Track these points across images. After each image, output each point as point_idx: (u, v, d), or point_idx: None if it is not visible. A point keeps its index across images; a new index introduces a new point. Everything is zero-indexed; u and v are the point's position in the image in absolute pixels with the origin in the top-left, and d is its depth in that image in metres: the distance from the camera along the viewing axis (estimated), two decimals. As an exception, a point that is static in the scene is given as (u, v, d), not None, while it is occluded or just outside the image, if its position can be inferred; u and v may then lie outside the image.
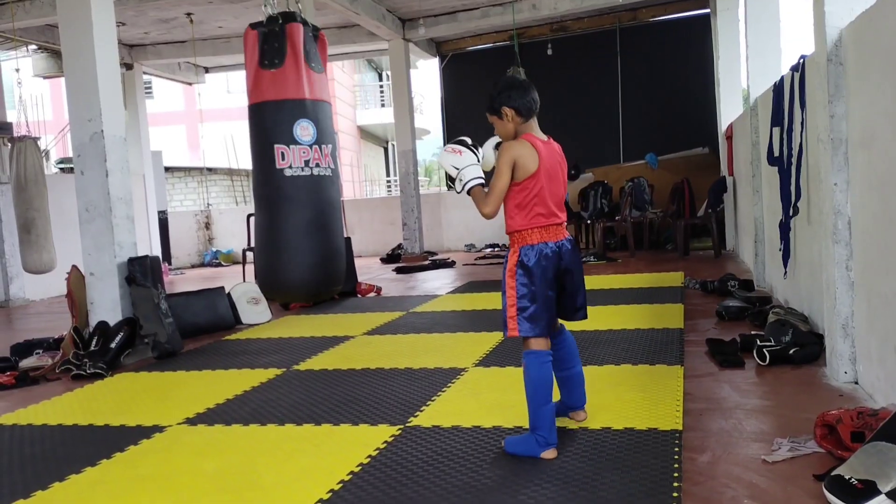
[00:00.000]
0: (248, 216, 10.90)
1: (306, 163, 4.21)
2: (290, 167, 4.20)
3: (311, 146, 4.19)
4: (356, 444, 3.01)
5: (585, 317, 2.97)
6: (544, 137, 2.86)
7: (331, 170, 4.21)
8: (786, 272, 4.68)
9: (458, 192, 2.85)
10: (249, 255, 10.14)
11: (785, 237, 4.64)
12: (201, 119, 19.41)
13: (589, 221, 10.88)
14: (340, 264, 4.17)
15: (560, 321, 2.96)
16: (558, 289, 2.82)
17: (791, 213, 4.40)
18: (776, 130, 4.88)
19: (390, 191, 28.33)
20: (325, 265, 4.26)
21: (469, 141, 2.88)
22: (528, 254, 2.74)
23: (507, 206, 2.80)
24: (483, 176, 2.82)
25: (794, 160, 4.35)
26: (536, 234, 2.75)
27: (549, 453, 2.69)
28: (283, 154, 4.23)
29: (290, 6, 4.60)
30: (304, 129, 4.16)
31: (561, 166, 2.84)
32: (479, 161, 2.83)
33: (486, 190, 2.79)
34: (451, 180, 2.86)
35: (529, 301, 2.73)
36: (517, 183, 2.73)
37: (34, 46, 11.20)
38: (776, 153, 4.83)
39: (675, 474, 2.46)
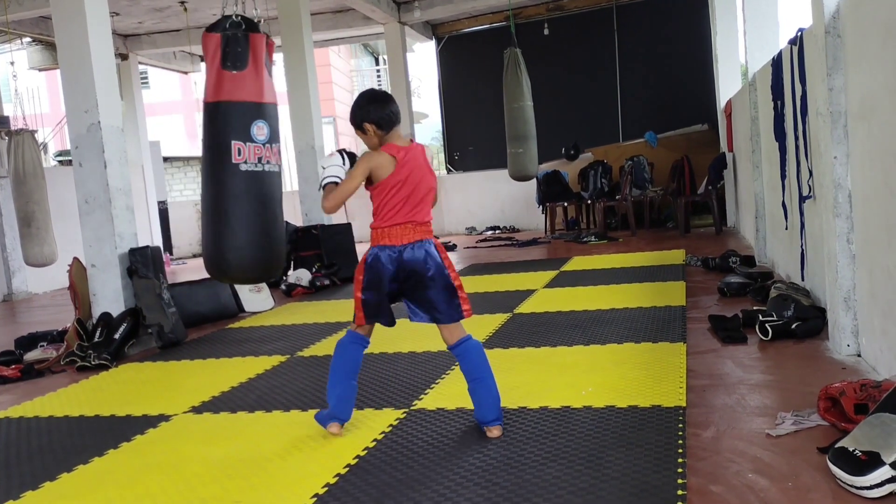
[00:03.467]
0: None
1: (259, 159, 4.62)
2: (246, 162, 4.61)
3: (264, 145, 4.62)
4: (362, 427, 3.03)
5: (449, 320, 2.96)
6: (405, 143, 2.97)
7: (278, 167, 4.75)
8: (803, 251, 4.56)
9: (318, 190, 3.05)
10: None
11: (801, 217, 4.52)
12: (198, 108, 19.35)
13: (589, 201, 10.86)
14: (281, 251, 4.85)
15: (459, 329, 2.99)
16: (406, 287, 2.94)
17: (804, 195, 4.31)
18: (779, 104, 4.86)
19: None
20: (270, 249, 4.69)
21: (347, 152, 3.05)
22: (371, 252, 2.93)
23: (374, 207, 2.96)
24: (341, 178, 2.97)
25: (799, 136, 4.33)
26: (385, 237, 2.90)
27: (334, 427, 2.95)
28: (239, 150, 4.61)
29: (248, 9, 4.96)
30: (259, 129, 4.64)
31: (425, 168, 2.97)
32: (342, 165, 2.99)
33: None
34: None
35: (365, 293, 2.94)
36: (374, 187, 2.90)
37: (28, 39, 11.15)
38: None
39: (680, 450, 2.48)
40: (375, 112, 2.93)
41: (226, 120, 4.72)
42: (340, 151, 3.05)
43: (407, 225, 2.89)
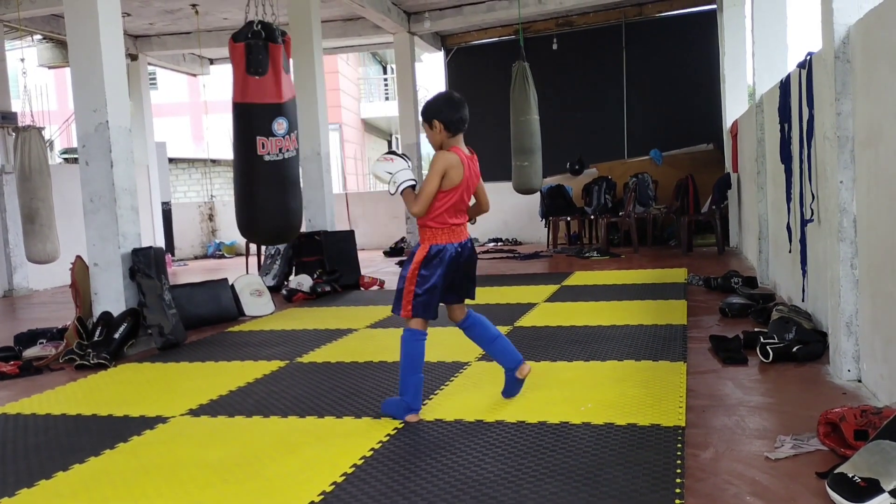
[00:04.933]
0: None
1: (280, 150, 5.63)
2: (269, 154, 5.62)
3: (283, 136, 5.61)
4: (359, 436, 3.02)
5: (473, 291, 3.36)
6: (468, 151, 3.20)
7: (295, 150, 5.77)
8: (805, 273, 4.57)
9: (392, 194, 3.17)
10: (253, 247, 10.16)
11: (803, 240, 4.54)
12: (206, 110, 19.35)
13: (592, 217, 10.87)
14: (297, 219, 6.15)
15: (466, 307, 3.36)
16: (459, 278, 3.23)
17: (805, 219, 4.32)
18: (786, 128, 4.87)
19: (393, 184, 28.26)
20: (288, 219, 6.02)
21: (399, 151, 3.22)
22: (434, 250, 3.15)
23: (434, 203, 3.14)
24: (415, 179, 3.13)
25: (804, 159, 4.33)
26: (445, 235, 3.17)
27: (413, 417, 3.15)
28: (263, 144, 5.61)
29: (267, 15, 5.87)
30: (279, 125, 5.59)
31: (476, 177, 3.26)
32: (408, 167, 3.14)
33: (416, 192, 3.14)
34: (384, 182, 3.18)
35: (424, 288, 3.13)
36: (441, 191, 3.11)
37: (39, 36, 11.19)
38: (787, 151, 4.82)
39: (678, 470, 2.47)
40: (449, 113, 3.12)
41: (251, 119, 5.71)
42: (393, 152, 3.20)
43: (462, 225, 3.21)
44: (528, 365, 3.38)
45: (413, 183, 3.13)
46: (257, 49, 5.50)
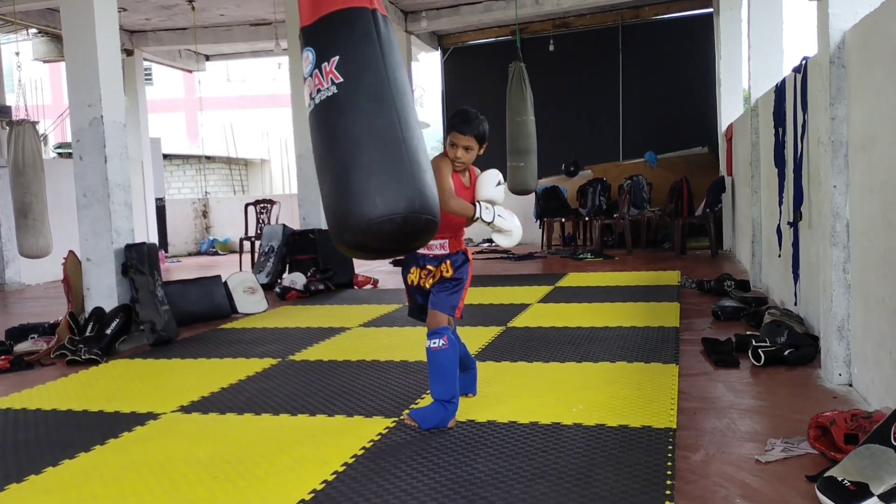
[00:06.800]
0: (246, 206, 10.92)
1: (310, 94, 2.98)
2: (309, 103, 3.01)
3: (309, 75, 2.97)
4: (351, 435, 3.02)
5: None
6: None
7: (334, 86, 2.82)
8: (796, 277, 4.58)
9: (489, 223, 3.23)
10: (246, 244, 10.16)
11: (795, 244, 4.55)
12: (201, 107, 19.35)
13: (587, 218, 10.88)
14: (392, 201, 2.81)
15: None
16: None
17: (794, 219, 4.35)
18: (780, 132, 4.88)
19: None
20: (346, 205, 2.71)
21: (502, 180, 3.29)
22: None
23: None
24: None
25: (796, 162, 4.35)
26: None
27: (453, 423, 3.05)
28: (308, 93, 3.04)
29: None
30: (306, 59, 3.00)
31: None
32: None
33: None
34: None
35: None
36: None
37: (34, 30, 11.14)
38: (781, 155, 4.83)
39: (669, 472, 2.47)
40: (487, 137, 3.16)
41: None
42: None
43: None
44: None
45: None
46: None
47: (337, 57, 2.85)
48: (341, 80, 2.78)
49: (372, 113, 2.66)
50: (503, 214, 3.21)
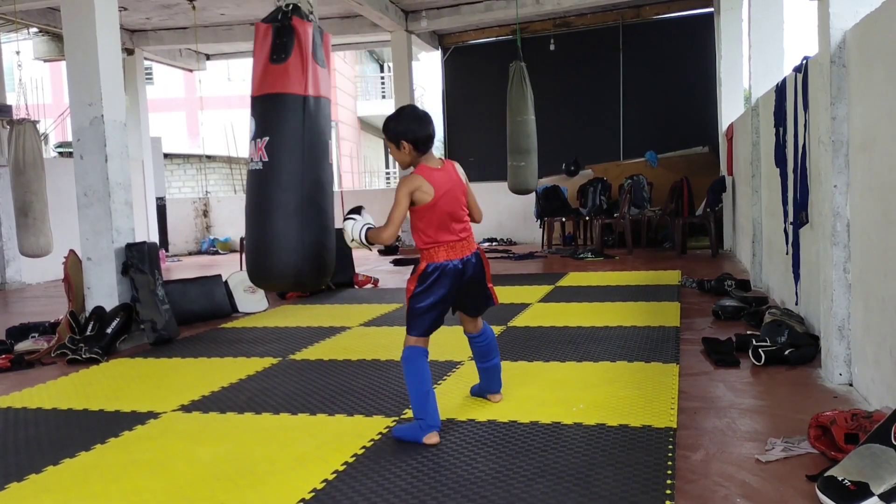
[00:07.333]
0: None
1: (251, 159, 3.83)
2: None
3: (252, 140, 3.79)
4: (351, 434, 3.02)
5: (487, 306, 3.27)
6: (438, 164, 3.01)
7: (262, 162, 3.70)
8: (797, 276, 4.59)
9: (359, 245, 3.03)
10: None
11: (795, 244, 4.56)
12: (201, 106, 19.36)
13: (587, 218, 10.87)
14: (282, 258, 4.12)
15: (480, 320, 3.30)
16: (462, 295, 3.09)
17: (799, 222, 4.33)
18: (781, 131, 4.88)
19: (389, 182, 28.28)
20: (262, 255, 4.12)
21: (355, 208, 3.08)
22: (430, 268, 2.98)
23: (414, 227, 3.02)
24: (370, 223, 3.02)
25: (798, 163, 4.35)
26: (442, 253, 2.98)
27: (432, 437, 2.86)
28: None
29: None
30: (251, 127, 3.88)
31: (459, 187, 3.03)
32: (362, 214, 3.05)
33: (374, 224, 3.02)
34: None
35: (421, 306, 2.97)
36: (415, 210, 2.95)
37: (35, 29, 11.15)
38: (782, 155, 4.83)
39: (669, 472, 2.47)
40: (416, 132, 2.95)
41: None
42: (355, 210, 3.07)
43: (461, 241, 3.02)
44: (501, 395, 3.38)
45: (371, 224, 3.01)
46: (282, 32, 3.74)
47: (268, 138, 3.69)
48: (267, 159, 3.66)
49: (287, 190, 3.65)
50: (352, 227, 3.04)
